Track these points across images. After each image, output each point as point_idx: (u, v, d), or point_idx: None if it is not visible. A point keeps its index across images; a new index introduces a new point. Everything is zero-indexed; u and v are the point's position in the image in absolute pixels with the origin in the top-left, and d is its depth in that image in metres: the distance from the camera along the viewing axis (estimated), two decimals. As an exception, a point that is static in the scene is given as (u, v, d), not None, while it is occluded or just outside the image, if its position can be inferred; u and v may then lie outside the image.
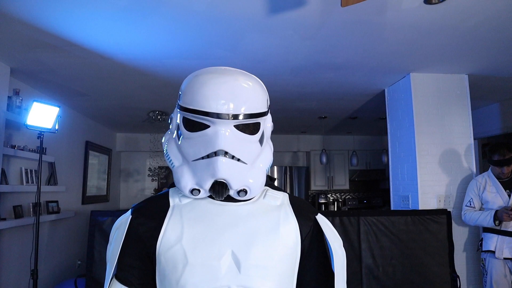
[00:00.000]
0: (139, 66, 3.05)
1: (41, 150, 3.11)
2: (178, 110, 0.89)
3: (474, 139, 3.81)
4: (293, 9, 2.12)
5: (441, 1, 2.02)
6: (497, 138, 4.62)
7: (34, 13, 2.12)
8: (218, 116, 0.80)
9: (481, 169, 4.46)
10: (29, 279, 2.95)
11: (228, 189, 0.84)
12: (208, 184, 0.83)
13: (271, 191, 0.94)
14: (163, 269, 0.84)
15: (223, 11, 2.14)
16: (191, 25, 2.32)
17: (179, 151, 0.88)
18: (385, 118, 3.85)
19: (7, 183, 3.14)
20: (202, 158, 0.83)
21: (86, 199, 5.06)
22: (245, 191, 0.85)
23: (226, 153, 0.82)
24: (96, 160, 5.53)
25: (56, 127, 3.18)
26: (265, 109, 0.88)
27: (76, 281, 3.35)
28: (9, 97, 3.06)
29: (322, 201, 6.99)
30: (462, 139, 3.31)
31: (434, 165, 3.24)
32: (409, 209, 3.26)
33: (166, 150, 0.92)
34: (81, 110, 4.72)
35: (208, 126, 0.83)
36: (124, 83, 3.56)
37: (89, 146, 5.18)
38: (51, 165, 4.01)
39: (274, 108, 4.55)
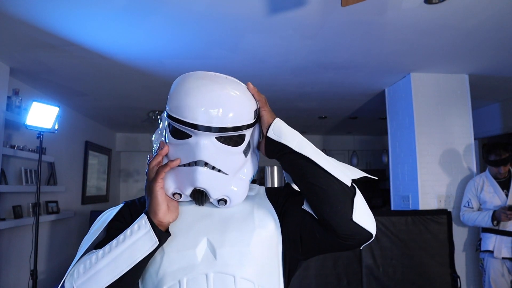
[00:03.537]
0: (139, 66, 3.05)
1: (41, 150, 3.10)
2: (165, 115, 0.90)
3: (475, 139, 3.80)
4: (293, 9, 2.11)
5: (442, 1, 2.02)
6: (497, 138, 4.62)
7: (34, 13, 2.12)
8: (200, 127, 0.81)
9: (482, 169, 4.45)
10: (28, 279, 2.95)
11: (208, 197, 0.85)
12: (188, 191, 0.85)
13: None
14: None
15: (223, 11, 2.13)
16: (191, 25, 2.31)
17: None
18: (385, 118, 3.85)
19: (6, 183, 3.14)
20: (184, 165, 0.85)
21: (85, 199, 5.04)
22: (225, 201, 0.86)
23: (206, 163, 0.83)
24: (95, 160, 5.52)
25: (56, 127, 3.17)
26: (252, 121, 0.87)
27: (75, 281, 3.34)
28: (8, 97, 3.06)
29: (322, 201, 6.96)
30: (463, 139, 3.30)
31: (434, 165, 3.23)
32: (409, 209, 3.26)
33: (154, 149, 0.94)
34: (81, 110, 4.71)
35: (190, 135, 0.84)
36: (124, 83, 3.55)
37: (89, 146, 5.17)
38: (51, 165, 4.00)
39: (274, 108, 4.50)
